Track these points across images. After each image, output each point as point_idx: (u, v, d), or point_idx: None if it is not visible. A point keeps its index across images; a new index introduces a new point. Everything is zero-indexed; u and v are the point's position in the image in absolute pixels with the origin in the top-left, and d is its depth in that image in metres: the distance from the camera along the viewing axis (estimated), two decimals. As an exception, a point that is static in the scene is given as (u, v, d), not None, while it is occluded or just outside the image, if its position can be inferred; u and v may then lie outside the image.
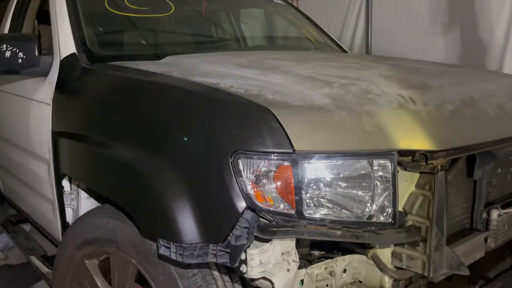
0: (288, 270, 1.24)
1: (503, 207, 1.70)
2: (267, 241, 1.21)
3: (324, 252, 1.45)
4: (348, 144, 1.22)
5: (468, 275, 1.75)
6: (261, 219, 1.20)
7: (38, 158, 2.12)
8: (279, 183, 1.20)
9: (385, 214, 1.25)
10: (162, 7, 2.42)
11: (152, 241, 1.34)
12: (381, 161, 1.22)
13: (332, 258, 1.38)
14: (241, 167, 1.19)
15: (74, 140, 1.78)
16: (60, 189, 1.97)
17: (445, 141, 1.25)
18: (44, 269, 2.30)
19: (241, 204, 1.19)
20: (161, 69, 1.68)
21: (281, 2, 3.22)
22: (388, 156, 1.22)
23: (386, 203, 1.24)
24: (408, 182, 1.33)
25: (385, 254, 1.37)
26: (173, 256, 1.23)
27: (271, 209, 1.20)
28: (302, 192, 1.20)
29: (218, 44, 2.56)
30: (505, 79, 1.86)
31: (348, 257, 1.39)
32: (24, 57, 1.97)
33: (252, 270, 1.19)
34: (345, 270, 1.39)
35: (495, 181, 1.77)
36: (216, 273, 1.37)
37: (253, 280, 1.26)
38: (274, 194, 1.20)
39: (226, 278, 1.37)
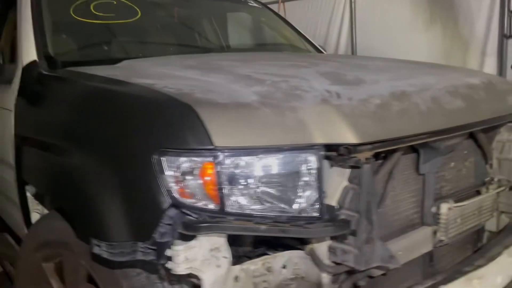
0: (218, 266, 1.25)
1: (458, 201, 1.69)
2: (193, 237, 1.22)
3: (265, 249, 1.46)
4: (271, 139, 1.22)
5: (422, 269, 1.75)
6: (186, 216, 1.22)
7: (5, 163, 2.16)
8: (202, 180, 1.20)
9: (312, 208, 1.26)
10: (129, 13, 2.46)
11: (85, 243, 1.36)
12: (305, 156, 1.23)
13: (272, 254, 1.39)
14: (164, 164, 1.20)
15: (29, 146, 1.82)
16: (23, 194, 2.01)
17: (369, 134, 1.25)
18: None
19: (165, 202, 1.20)
20: (109, 73, 1.71)
21: (256, 5, 3.24)
22: (311, 150, 1.23)
23: (312, 197, 1.25)
24: (341, 177, 1.34)
25: (322, 249, 1.37)
26: (104, 255, 1.25)
27: (196, 205, 1.21)
28: (225, 188, 1.20)
29: (182, 48, 2.58)
30: (453, 73, 1.84)
31: (287, 253, 1.39)
32: (-12, 66, 2.03)
33: (178, 266, 1.19)
34: (285, 266, 1.39)
35: (448, 175, 1.76)
36: (162, 271, 1.38)
37: (183, 277, 1.27)
38: (197, 190, 1.21)
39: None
